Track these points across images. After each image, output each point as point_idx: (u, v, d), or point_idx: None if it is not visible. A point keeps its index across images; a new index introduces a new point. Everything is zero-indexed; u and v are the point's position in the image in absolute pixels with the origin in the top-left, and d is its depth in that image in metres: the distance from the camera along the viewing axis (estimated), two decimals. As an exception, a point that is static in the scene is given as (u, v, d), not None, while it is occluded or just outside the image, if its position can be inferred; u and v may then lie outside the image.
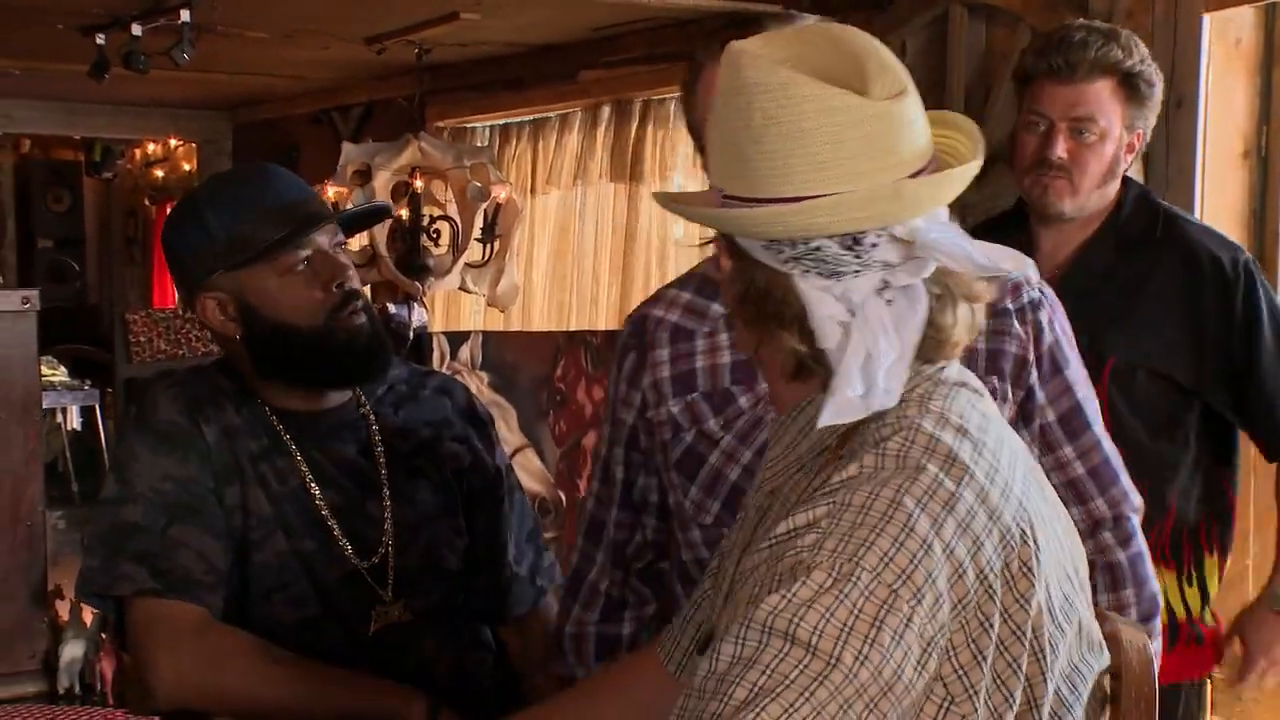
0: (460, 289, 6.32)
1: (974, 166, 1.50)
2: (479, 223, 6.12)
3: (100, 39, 5.48)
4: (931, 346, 1.52)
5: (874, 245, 1.47)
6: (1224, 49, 3.86)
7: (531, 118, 6.64)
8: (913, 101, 1.48)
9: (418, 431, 2.53)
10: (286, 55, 6.48)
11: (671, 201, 1.65)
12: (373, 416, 2.50)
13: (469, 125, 7.01)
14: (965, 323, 1.54)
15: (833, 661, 1.34)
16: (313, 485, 2.39)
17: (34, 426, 2.27)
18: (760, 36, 1.51)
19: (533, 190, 6.71)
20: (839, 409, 1.49)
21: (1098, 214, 2.92)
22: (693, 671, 1.65)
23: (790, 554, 1.41)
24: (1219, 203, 3.79)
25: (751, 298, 1.53)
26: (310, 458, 2.41)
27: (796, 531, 1.43)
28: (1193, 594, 2.94)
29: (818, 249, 1.47)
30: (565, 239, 6.73)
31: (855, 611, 1.36)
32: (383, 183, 5.94)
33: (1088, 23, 2.96)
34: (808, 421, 1.66)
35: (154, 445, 2.30)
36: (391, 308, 5.85)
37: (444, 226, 6.22)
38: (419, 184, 6.09)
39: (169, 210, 2.48)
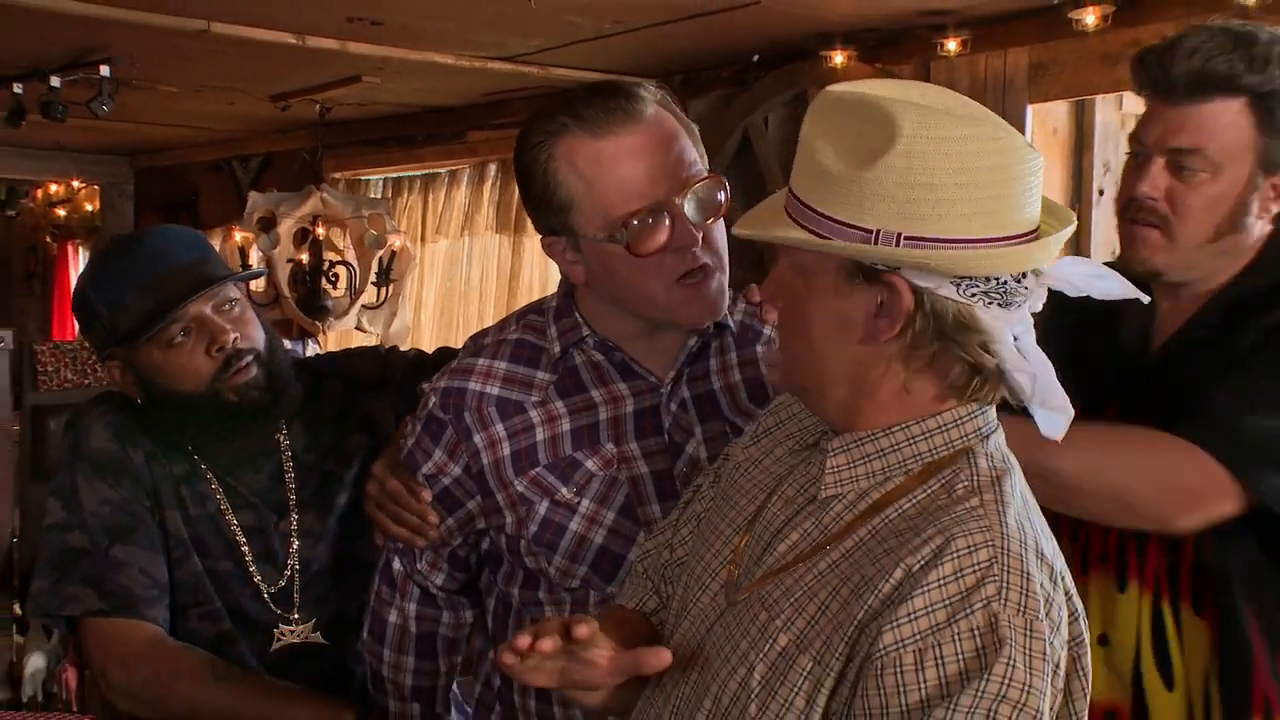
0: (356, 328, 6.40)
1: (1070, 230, 1.57)
2: (375, 268, 6.24)
3: (18, 88, 5.50)
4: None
5: (1028, 278, 1.51)
6: (1044, 135, 4.15)
7: (423, 172, 6.75)
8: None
9: (322, 435, 2.49)
10: (193, 108, 6.50)
11: (803, 242, 1.53)
12: (285, 440, 2.47)
13: (364, 178, 7.09)
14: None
15: None
16: (227, 510, 2.39)
17: (7, 456, 2.35)
18: (892, 85, 1.53)
19: (423, 239, 6.80)
20: (1054, 423, 1.54)
21: (1220, 282, 2.19)
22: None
23: (905, 683, 1.41)
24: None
25: (931, 326, 1.51)
26: (225, 483, 2.40)
27: (898, 650, 1.42)
28: None
29: (1004, 283, 1.50)
30: (452, 284, 6.84)
31: None
32: (286, 229, 6.03)
33: (1218, 24, 2.16)
34: (774, 426, 1.77)
35: (90, 472, 2.32)
36: (288, 344, 5.81)
37: (342, 271, 6.32)
38: (320, 231, 6.18)
39: (93, 261, 2.45)
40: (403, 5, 4.17)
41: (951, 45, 4.18)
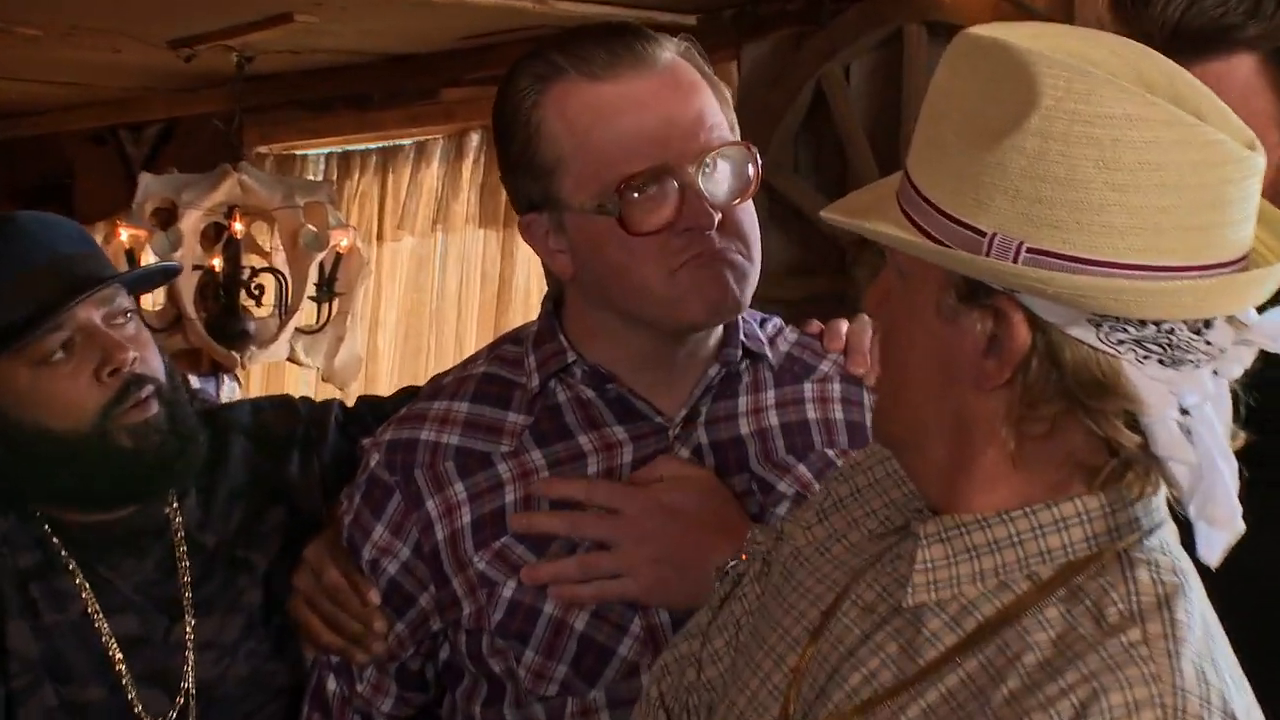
0: (289, 360, 6.37)
1: None
2: (313, 277, 6.19)
3: None
4: None
5: (1214, 328, 1.45)
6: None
7: (380, 144, 6.80)
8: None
9: (228, 510, 2.46)
10: (63, 57, 6.56)
11: (903, 241, 1.51)
12: (177, 517, 2.42)
13: (300, 153, 7.15)
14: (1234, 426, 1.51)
15: None
16: (96, 615, 2.35)
17: None
18: (1047, 32, 1.49)
19: (380, 236, 6.86)
20: (1211, 543, 1.48)
21: None
22: None
23: None
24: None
25: (1055, 378, 1.47)
26: (96, 578, 2.36)
27: None
28: None
29: (1171, 333, 1.44)
30: (421, 296, 6.89)
31: None
32: (191, 225, 6.02)
33: None
34: (847, 497, 1.75)
35: None
36: (195, 382, 5.81)
37: (269, 281, 6.30)
38: (238, 227, 6.14)
39: None
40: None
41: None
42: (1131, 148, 1.38)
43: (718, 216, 2.00)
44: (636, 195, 1.97)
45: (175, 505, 2.40)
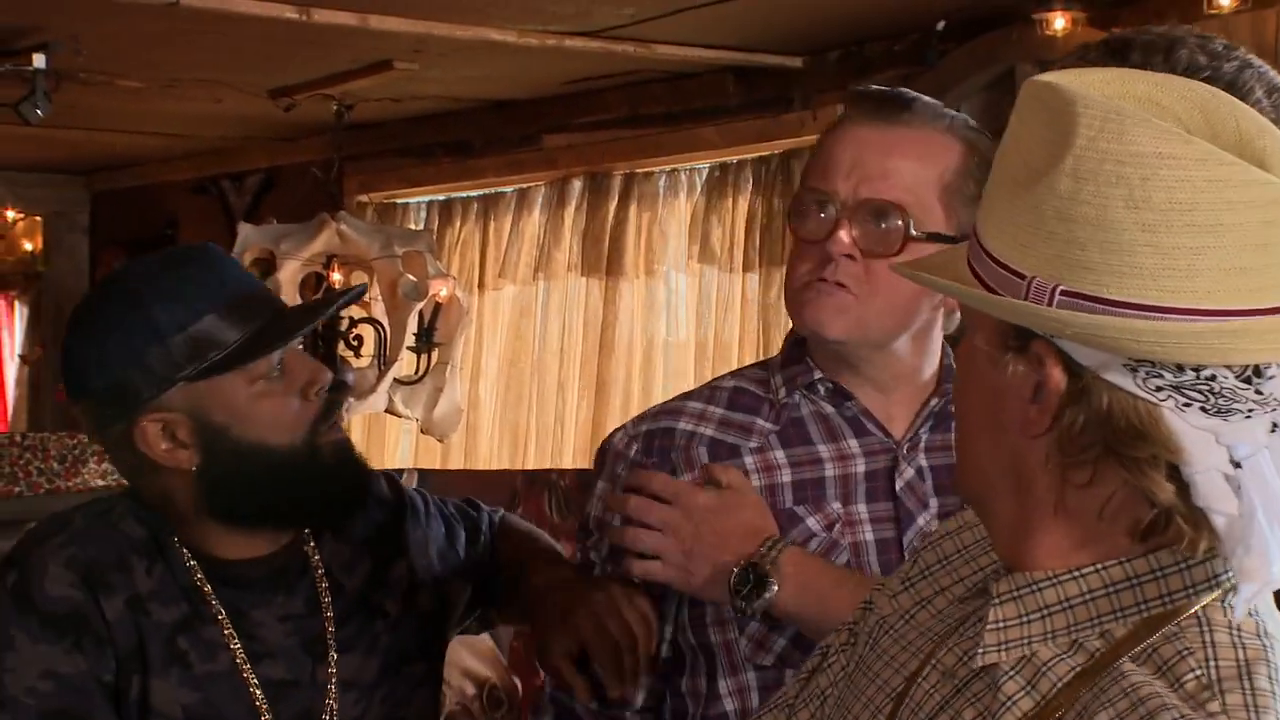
0: (387, 411, 6.34)
1: None
2: (412, 327, 6.17)
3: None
4: None
5: (1272, 378, 1.41)
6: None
7: (481, 193, 6.75)
8: None
9: (362, 555, 2.53)
10: (165, 109, 6.57)
11: (946, 285, 1.54)
12: (316, 555, 2.48)
13: (400, 201, 7.10)
14: None
15: None
16: (244, 664, 2.39)
17: None
18: (1104, 75, 1.47)
19: (481, 285, 6.81)
20: (1262, 585, 1.41)
21: None
22: None
23: None
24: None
25: (1093, 427, 1.43)
26: (244, 624, 2.40)
27: None
28: None
29: (1212, 379, 1.40)
30: (522, 345, 6.82)
31: None
32: (290, 275, 5.99)
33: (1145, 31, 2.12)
34: (941, 561, 1.70)
35: (37, 632, 2.30)
36: None
37: (367, 332, 6.28)
38: (336, 277, 6.15)
39: (73, 311, 2.42)
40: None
41: (1225, -1, 4.05)
42: (1162, 186, 1.35)
43: (843, 244, 2.26)
44: (803, 205, 2.31)
45: (313, 544, 2.47)
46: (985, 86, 4.72)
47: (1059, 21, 4.38)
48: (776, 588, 2.22)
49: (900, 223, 2.30)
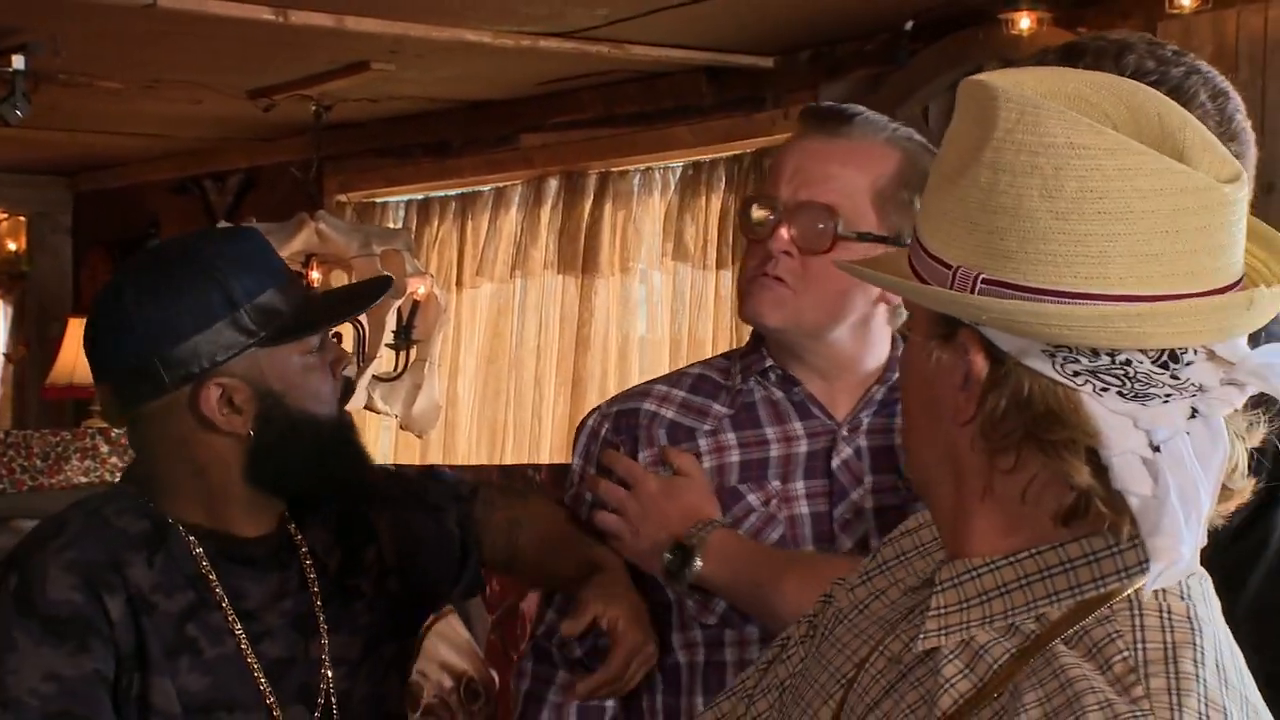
0: (365, 408, 6.30)
1: None
2: (391, 324, 6.17)
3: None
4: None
5: (1190, 364, 1.43)
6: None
7: (458, 192, 6.76)
8: (1247, 191, 1.46)
9: (338, 539, 2.58)
10: (145, 109, 6.58)
11: (880, 277, 1.58)
12: (300, 537, 2.53)
13: (379, 200, 7.11)
14: (1242, 471, 1.50)
15: None
16: (247, 646, 2.42)
17: None
18: (1037, 74, 1.48)
19: (459, 283, 6.82)
20: (1172, 567, 1.44)
21: None
22: None
23: None
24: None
25: (1013, 411, 1.45)
26: (244, 606, 2.44)
27: None
28: None
29: (1126, 364, 1.42)
30: (500, 342, 6.83)
31: None
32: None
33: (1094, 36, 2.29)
34: (896, 557, 1.72)
35: (39, 635, 2.31)
36: None
37: (346, 330, 6.20)
38: (315, 275, 6.16)
39: (116, 285, 2.49)
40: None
41: (1186, -2, 4.08)
42: (1074, 175, 1.37)
43: (782, 242, 2.46)
44: (750, 207, 2.52)
45: (294, 526, 2.52)
46: (952, 85, 4.69)
47: (1024, 21, 4.40)
48: (700, 564, 2.42)
49: (833, 223, 2.47)
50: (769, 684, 1.82)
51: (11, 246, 9.52)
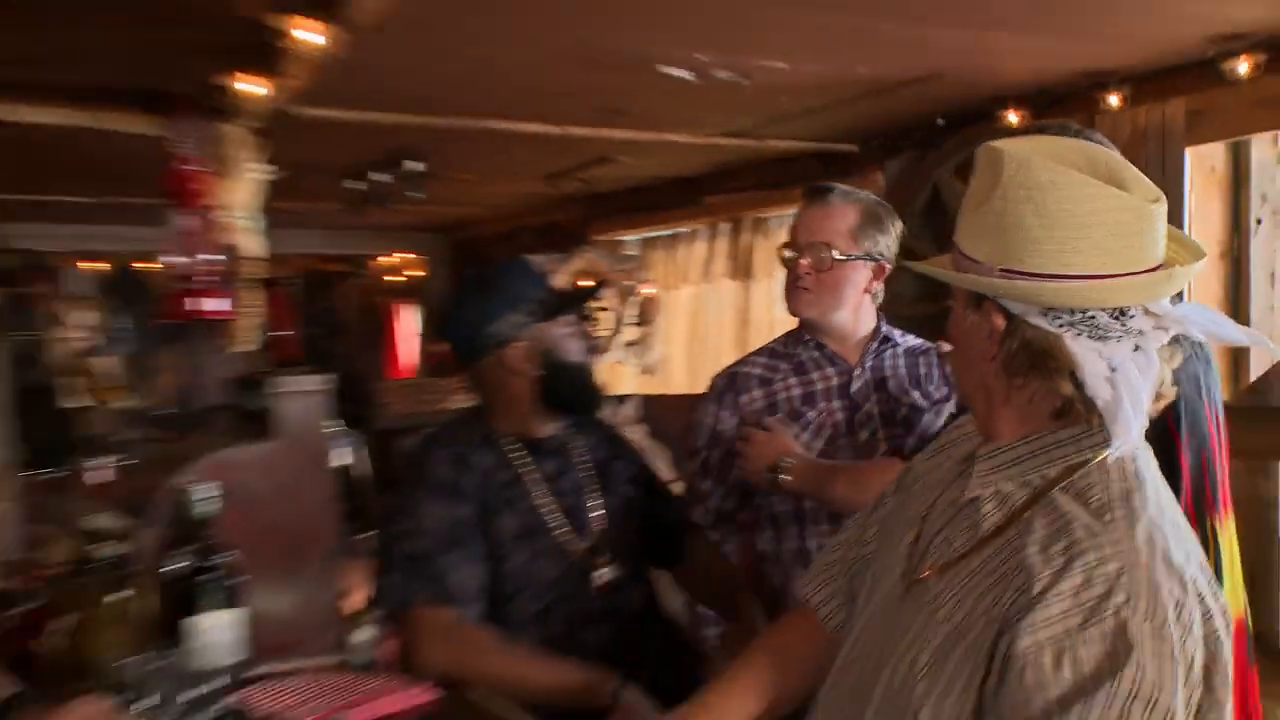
0: (618, 362, 6.37)
1: (1198, 267, 1.47)
2: (632, 311, 6.28)
3: (348, 184, 5.62)
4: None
5: (1133, 317, 1.42)
6: (1202, 173, 3.85)
7: (669, 232, 6.67)
8: (1164, 207, 1.44)
9: (603, 450, 2.63)
10: (486, 190, 6.60)
11: (935, 270, 1.53)
12: (578, 440, 2.59)
13: (621, 238, 7.05)
14: (1168, 382, 1.48)
15: None
16: (542, 499, 2.44)
17: (329, 473, 2.37)
18: (1029, 141, 1.46)
19: (671, 286, 6.75)
20: (1125, 442, 1.43)
21: None
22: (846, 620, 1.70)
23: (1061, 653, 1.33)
24: (1203, 295, 3.77)
25: (1022, 351, 1.45)
26: (543, 475, 2.47)
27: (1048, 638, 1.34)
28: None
29: (1092, 318, 1.41)
30: (696, 322, 6.73)
31: None
32: (560, 283, 6.01)
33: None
34: (949, 443, 1.70)
35: (433, 496, 2.36)
36: None
37: (605, 315, 6.28)
38: (584, 283, 6.12)
39: (462, 294, 2.54)
40: (641, 97, 4.09)
41: (1114, 100, 3.86)
42: (1054, 201, 1.38)
43: (805, 267, 2.68)
44: (784, 248, 2.75)
45: (572, 433, 2.58)
46: (968, 159, 4.60)
47: (1012, 117, 4.23)
48: (786, 478, 2.54)
49: (830, 252, 2.65)
50: (873, 521, 1.79)
51: (418, 273, 9.68)
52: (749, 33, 3.27)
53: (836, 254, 2.66)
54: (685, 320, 6.78)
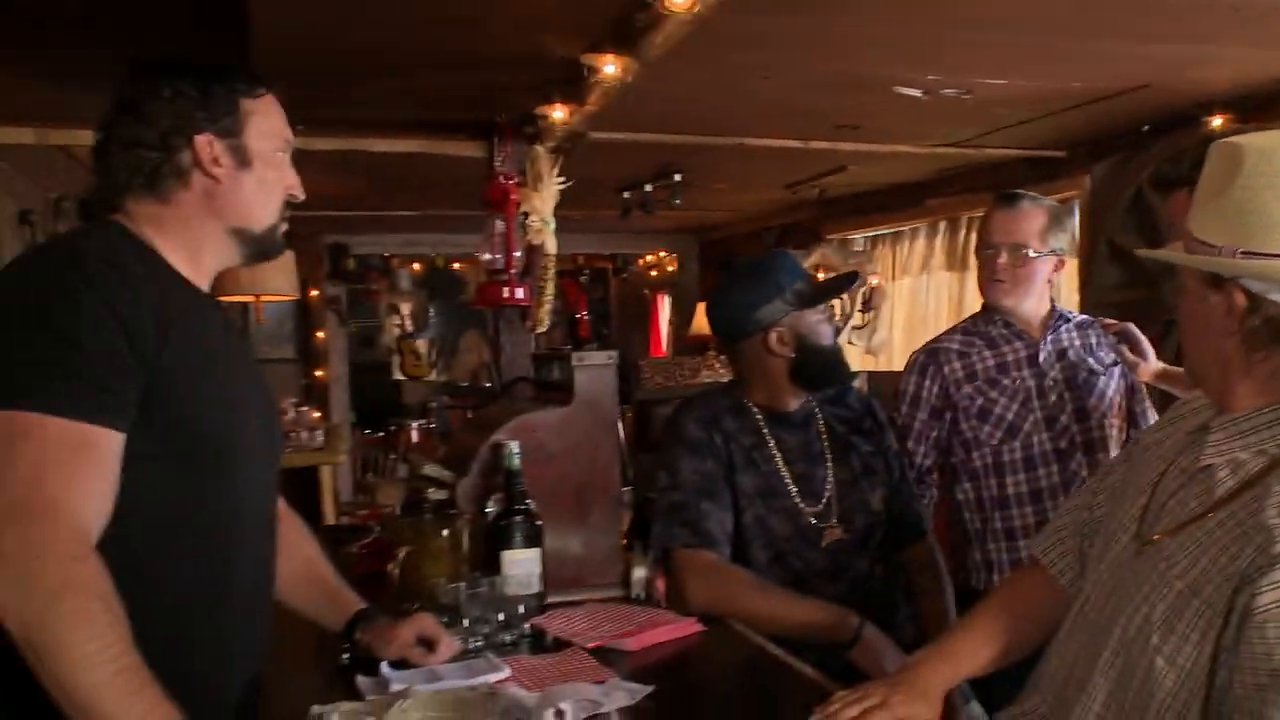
0: (848, 343, 6.23)
1: None
2: (860, 299, 6.12)
3: (626, 194, 5.75)
4: None
5: None
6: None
7: (893, 230, 6.52)
8: None
9: (844, 421, 2.48)
10: (734, 198, 6.59)
11: (1179, 257, 1.43)
12: (819, 412, 2.46)
13: (851, 236, 6.93)
14: None
15: None
16: (781, 464, 2.38)
17: (615, 436, 2.39)
18: (1263, 135, 1.37)
19: (894, 277, 6.58)
20: None
21: None
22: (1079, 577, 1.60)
23: None
24: None
25: (1264, 327, 1.36)
26: (782, 444, 2.39)
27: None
28: None
29: None
30: (916, 309, 6.55)
31: None
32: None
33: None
34: (1177, 417, 1.58)
35: (687, 452, 2.35)
36: None
37: (836, 303, 6.16)
38: (821, 275, 6.01)
39: (728, 283, 2.46)
40: (875, 113, 4.04)
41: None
42: None
43: (1001, 263, 2.68)
44: (981, 248, 2.74)
45: (815, 405, 2.46)
46: (1169, 159, 4.29)
47: (1217, 121, 3.92)
48: None
49: (1023, 251, 2.66)
50: (1104, 486, 1.69)
51: (670, 269, 9.74)
52: (975, 53, 3.17)
53: (1030, 252, 2.66)
54: (906, 307, 6.63)
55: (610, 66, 2.87)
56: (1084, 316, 2.86)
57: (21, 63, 3.31)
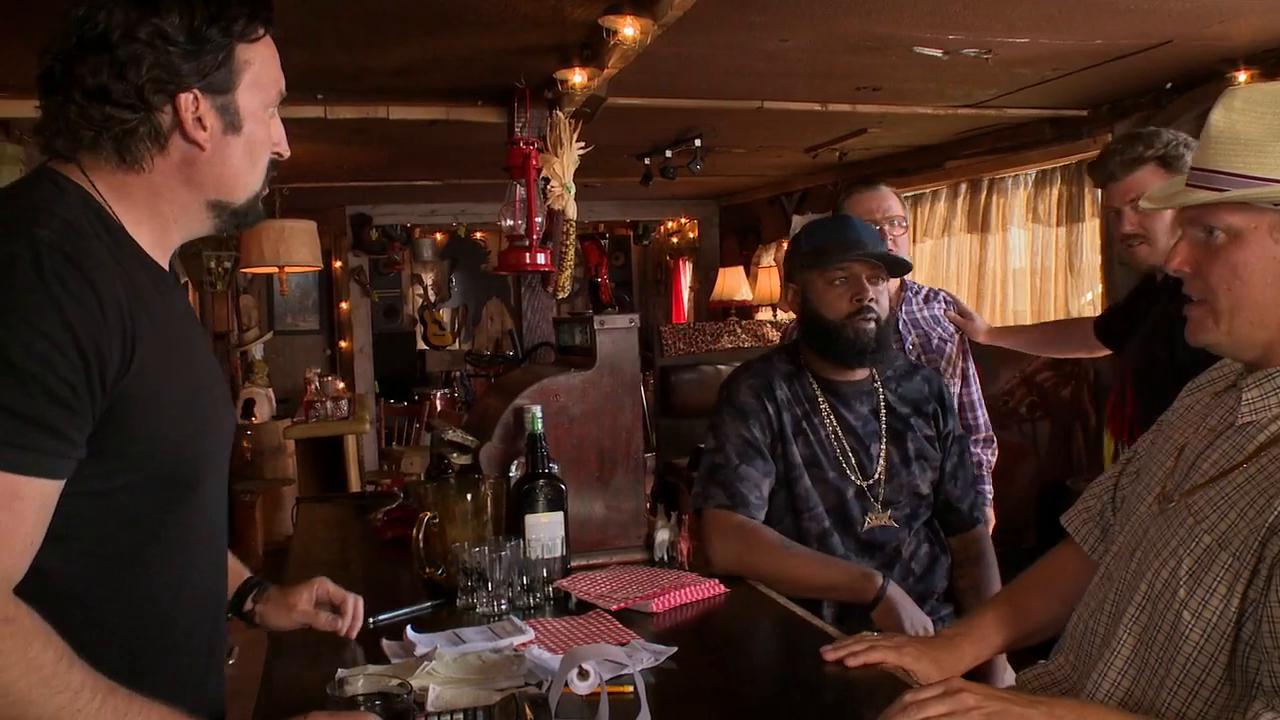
0: (869, 306, 6.19)
1: None
2: None
3: (646, 160, 5.70)
4: None
5: None
6: None
7: (914, 193, 6.45)
8: None
9: (907, 401, 2.42)
10: (753, 161, 6.54)
11: (1257, 194, 1.31)
12: (880, 388, 2.40)
13: (871, 200, 6.90)
14: None
15: None
16: (835, 434, 2.34)
17: (638, 399, 2.37)
18: None
19: (915, 240, 6.52)
20: None
21: None
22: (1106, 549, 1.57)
23: None
24: None
25: None
26: (837, 415, 2.35)
27: None
28: None
29: None
30: (937, 270, 6.48)
31: None
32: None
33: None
34: (1206, 382, 1.53)
35: (734, 416, 2.34)
36: None
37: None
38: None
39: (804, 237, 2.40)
40: (895, 74, 3.99)
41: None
42: None
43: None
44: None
45: (878, 382, 2.40)
46: (1194, 119, 4.22)
47: (1242, 77, 3.85)
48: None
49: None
50: (1133, 455, 1.66)
51: (691, 235, 9.69)
52: (995, 10, 3.10)
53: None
54: (927, 271, 6.57)
55: (629, 28, 2.84)
56: (928, 288, 3.04)
57: (36, 34, 3.31)
